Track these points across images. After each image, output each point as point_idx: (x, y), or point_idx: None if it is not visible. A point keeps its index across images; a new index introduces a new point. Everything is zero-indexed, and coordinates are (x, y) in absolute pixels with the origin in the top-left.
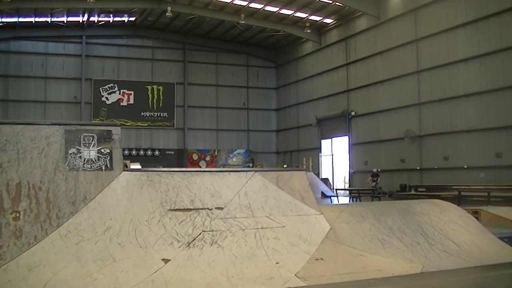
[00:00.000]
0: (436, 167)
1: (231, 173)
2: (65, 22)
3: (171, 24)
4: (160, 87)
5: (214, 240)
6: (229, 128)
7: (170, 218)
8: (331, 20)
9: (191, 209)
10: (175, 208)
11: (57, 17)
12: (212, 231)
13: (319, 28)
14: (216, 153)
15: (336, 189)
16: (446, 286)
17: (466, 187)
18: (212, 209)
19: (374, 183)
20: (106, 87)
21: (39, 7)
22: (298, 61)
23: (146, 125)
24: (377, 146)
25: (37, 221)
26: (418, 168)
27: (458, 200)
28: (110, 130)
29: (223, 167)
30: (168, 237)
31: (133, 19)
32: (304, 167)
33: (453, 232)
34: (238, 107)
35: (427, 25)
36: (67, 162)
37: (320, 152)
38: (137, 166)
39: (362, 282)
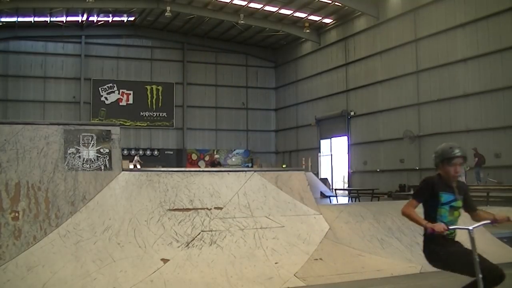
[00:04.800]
0: (435, 167)
1: (230, 173)
2: (64, 22)
3: (170, 24)
4: (159, 87)
5: (213, 240)
6: (228, 128)
7: (169, 218)
8: (330, 20)
9: (190, 209)
10: (174, 208)
11: (56, 17)
12: (211, 231)
13: (318, 28)
14: (215, 153)
15: (335, 189)
16: (445, 286)
17: None
18: (211, 209)
19: None
20: (105, 87)
21: (38, 7)
22: (297, 61)
23: (145, 125)
24: (376, 146)
25: (36, 221)
26: (417, 168)
27: None
28: (109, 130)
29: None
30: (167, 237)
31: (132, 19)
32: (303, 167)
33: None
34: (237, 107)
35: (426, 25)
36: (66, 162)
37: (319, 152)
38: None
39: (361, 282)
